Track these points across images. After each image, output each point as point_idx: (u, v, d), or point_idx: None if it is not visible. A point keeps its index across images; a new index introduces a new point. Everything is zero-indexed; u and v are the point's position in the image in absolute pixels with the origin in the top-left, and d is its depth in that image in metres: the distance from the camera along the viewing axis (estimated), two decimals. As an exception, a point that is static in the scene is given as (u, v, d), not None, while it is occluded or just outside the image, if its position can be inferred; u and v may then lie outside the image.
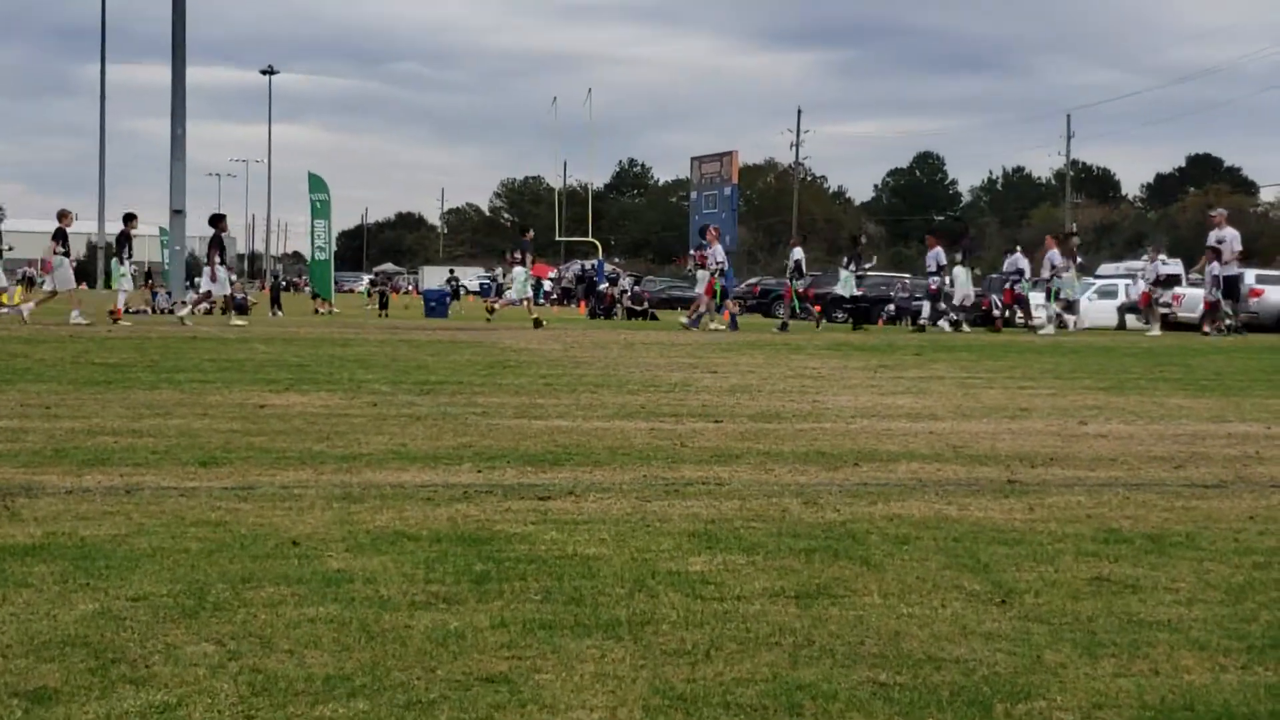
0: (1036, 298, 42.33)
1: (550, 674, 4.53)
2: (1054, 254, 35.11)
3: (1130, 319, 40.30)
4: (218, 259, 31.58)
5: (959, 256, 36.58)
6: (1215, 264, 35.37)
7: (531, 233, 37.60)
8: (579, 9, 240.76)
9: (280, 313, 44.72)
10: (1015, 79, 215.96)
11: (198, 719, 4.11)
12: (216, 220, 33.46)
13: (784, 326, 33.44)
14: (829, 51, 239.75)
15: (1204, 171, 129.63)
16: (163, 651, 4.71)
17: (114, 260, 32.85)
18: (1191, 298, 36.16)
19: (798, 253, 35.28)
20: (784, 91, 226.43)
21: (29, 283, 63.44)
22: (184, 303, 34.08)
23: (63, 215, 31.07)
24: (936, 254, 34.77)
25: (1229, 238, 32.60)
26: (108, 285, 51.93)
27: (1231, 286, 32.87)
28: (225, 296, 32.05)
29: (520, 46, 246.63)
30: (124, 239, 32.11)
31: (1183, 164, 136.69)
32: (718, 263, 33.83)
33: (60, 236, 30.80)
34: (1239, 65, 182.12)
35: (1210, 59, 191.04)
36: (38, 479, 8.28)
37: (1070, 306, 35.40)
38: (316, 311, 45.21)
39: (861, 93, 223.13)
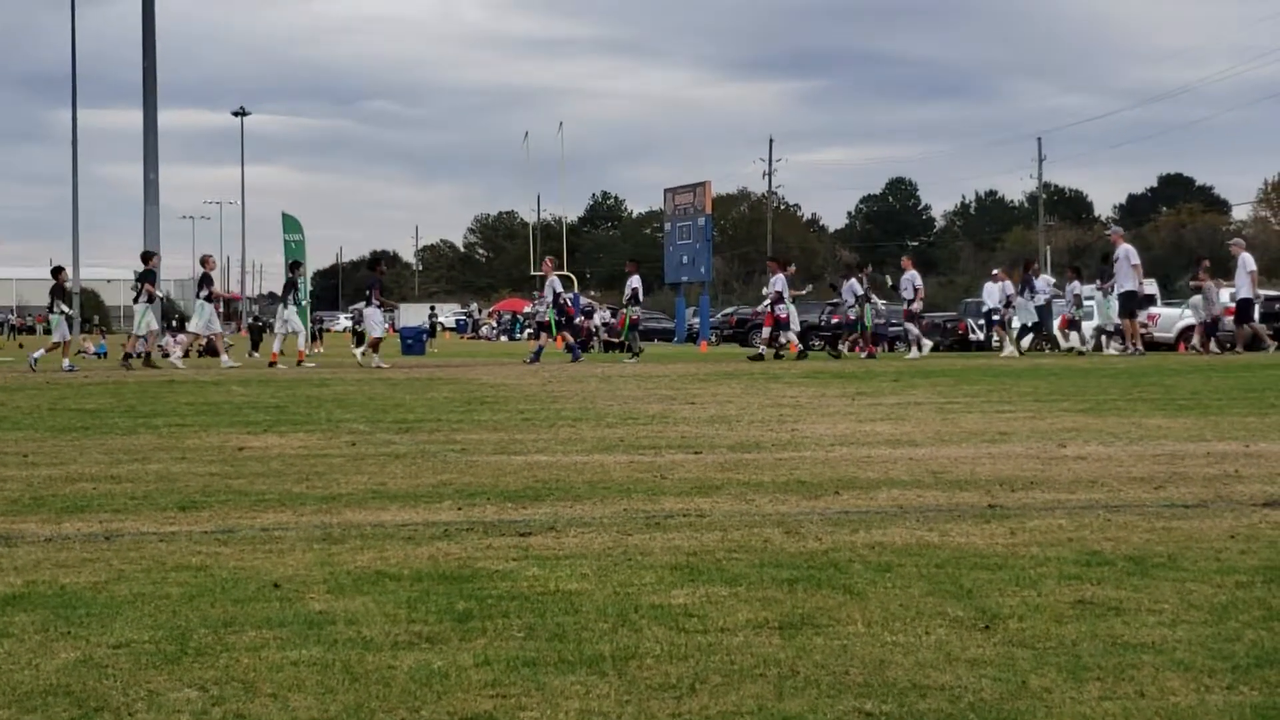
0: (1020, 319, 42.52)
1: (535, 711, 4.51)
2: (912, 275, 34.85)
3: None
4: (376, 301, 31.92)
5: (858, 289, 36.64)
6: (1076, 283, 35.35)
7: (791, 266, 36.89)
8: (548, 43, 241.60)
9: (258, 354, 44.50)
10: (985, 104, 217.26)
11: (182, 766, 4.08)
12: (374, 264, 34.14)
13: (636, 355, 34.22)
14: (799, 81, 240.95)
15: (1176, 191, 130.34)
16: (145, 699, 4.68)
17: (280, 305, 34.12)
18: (1166, 317, 36.25)
19: (635, 280, 35.16)
20: (756, 121, 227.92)
21: (13, 330, 63.16)
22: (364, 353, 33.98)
23: (205, 261, 32.85)
24: (778, 280, 34.39)
25: (1121, 255, 32.13)
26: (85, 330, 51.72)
27: (1125, 304, 32.38)
28: (375, 339, 32.19)
29: (490, 81, 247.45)
30: (291, 285, 33.40)
31: (1154, 184, 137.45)
32: (556, 293, 34.47)
33: (206, 282, 31.96)
34: (1206, 86, 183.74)
35: (1178, 80, 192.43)
36: (16, 528, 8.24)
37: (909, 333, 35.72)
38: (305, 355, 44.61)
39: (833, 121, 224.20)
